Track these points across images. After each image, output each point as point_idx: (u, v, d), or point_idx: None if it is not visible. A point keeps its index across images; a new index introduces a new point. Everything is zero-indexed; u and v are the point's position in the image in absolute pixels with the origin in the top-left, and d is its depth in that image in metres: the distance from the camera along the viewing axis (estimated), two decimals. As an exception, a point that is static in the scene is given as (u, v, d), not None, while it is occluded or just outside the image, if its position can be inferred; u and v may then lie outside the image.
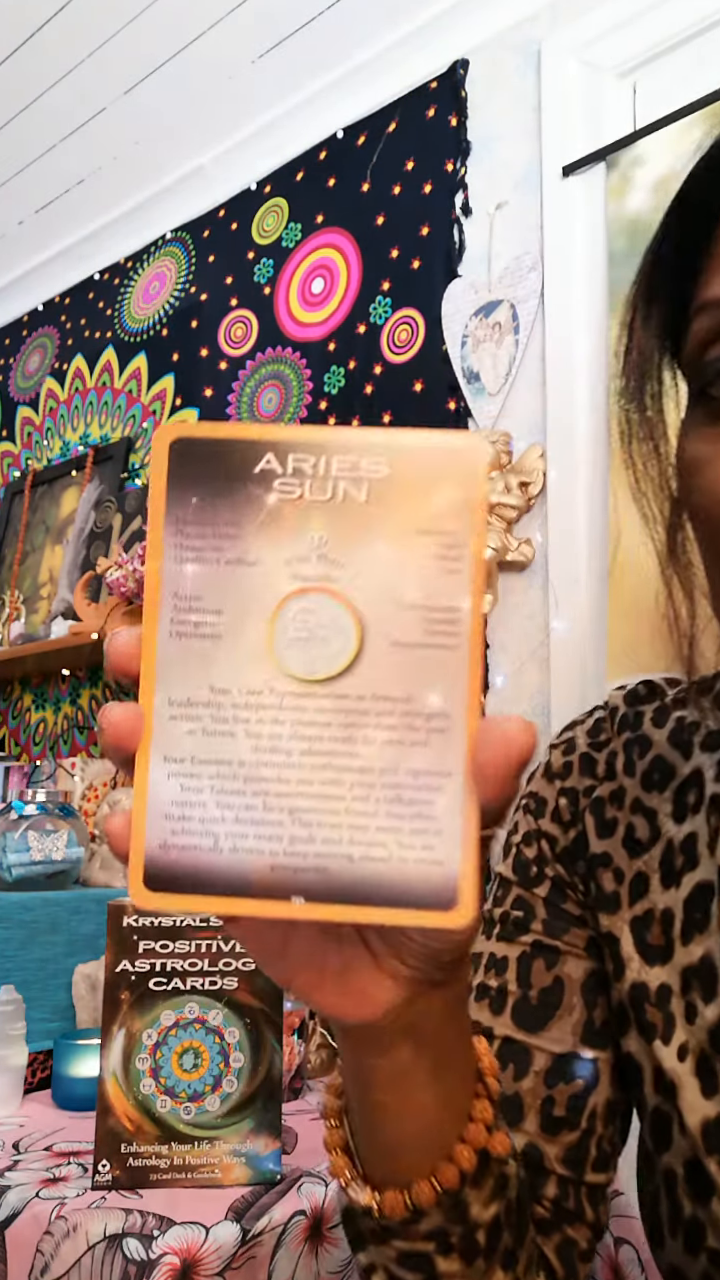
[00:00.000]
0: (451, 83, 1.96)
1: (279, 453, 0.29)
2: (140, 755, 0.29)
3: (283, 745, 0.29)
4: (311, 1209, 0.95)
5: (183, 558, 0.29)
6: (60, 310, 2.83)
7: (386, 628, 0.29)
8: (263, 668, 0.29)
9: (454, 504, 0.29)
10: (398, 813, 0.29)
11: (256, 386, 2.25)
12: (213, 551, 0.29)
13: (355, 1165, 0.42)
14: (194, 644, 0.29)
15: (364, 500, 0.29)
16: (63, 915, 1.52)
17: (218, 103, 2.22)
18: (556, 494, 1.69)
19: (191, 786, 0.29)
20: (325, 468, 0.29)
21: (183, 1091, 0.99)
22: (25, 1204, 0.93)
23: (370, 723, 0.29)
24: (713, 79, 1.59)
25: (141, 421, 2.51)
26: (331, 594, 0.29)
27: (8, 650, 2.45)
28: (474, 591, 0.29)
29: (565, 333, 1.72)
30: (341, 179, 2.16)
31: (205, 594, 0.29)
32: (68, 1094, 1.25)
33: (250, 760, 0.29)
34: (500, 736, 0.28)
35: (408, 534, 0.29)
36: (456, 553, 0.29)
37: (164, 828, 0.29)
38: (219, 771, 0.29)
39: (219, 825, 0.29)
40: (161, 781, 0.29)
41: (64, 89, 2.20)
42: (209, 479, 0.29)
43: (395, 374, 1.97)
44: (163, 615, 0.29)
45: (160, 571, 0.29)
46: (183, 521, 0.29)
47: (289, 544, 0.29)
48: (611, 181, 1.69)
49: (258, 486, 0.29)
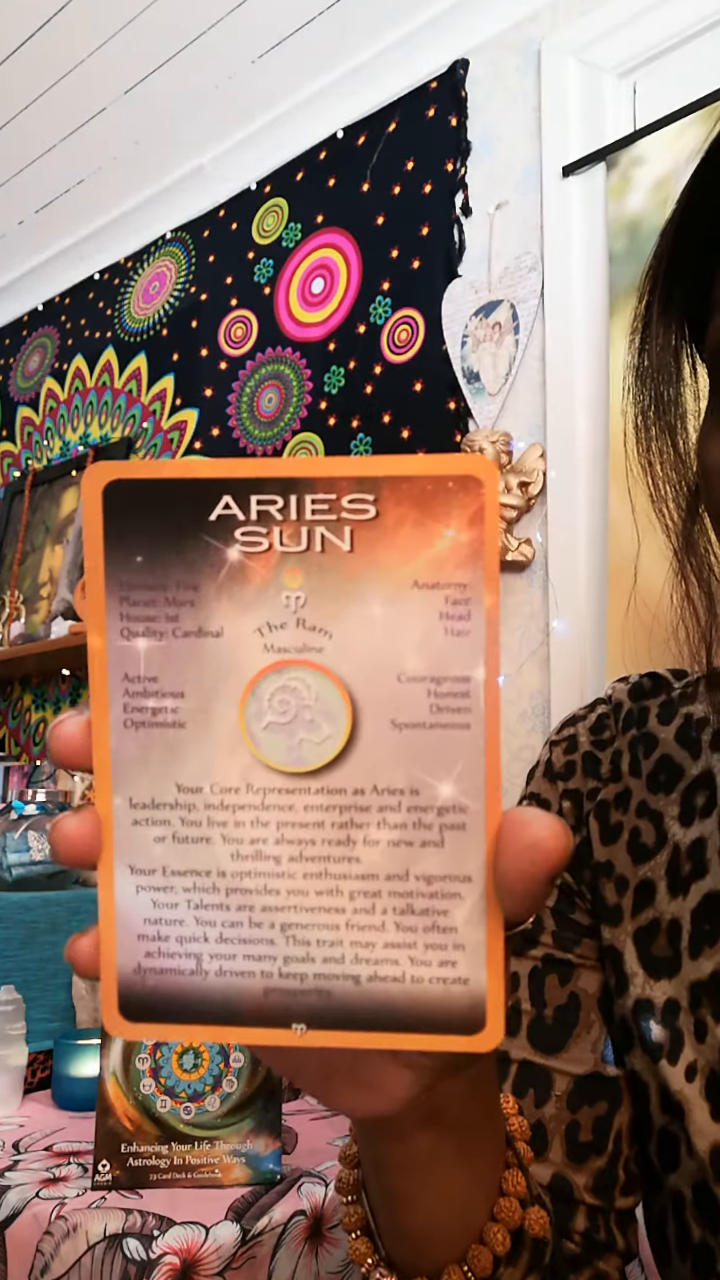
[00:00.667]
0: (451, 83, 1.96)
1: (238, 494, 0.24)
2: (103, 867, 0.25)
3: (268, 851, 0.25)
4: (311, 1209, 0.95)
5: (131, 631, 0.24)
6: (60, 310, 2.83)
7: (383, 706, 0.24)
8: (238, 760, 0.24)
9: (459, 547, 0.24)
10: (410, 925, 0.25)
11: (256, 386, 2.25)
12: (167, 621, 0.24)
13: (378, 1249, 0.39)
14: (154, 734, 0.25)
15: (348, 549, 0.24)
16: (63, 915, 1.52)
17: (218, 103, 2.22)
18: (556, 494, 1.69)
19: (165, 901, 0.25)
20: (298, 510, 0.24)
21: (183, 1091, 0.99)
22: (25, 1204, 0.93)
23: (371, 820, 0.24)
24: (713, 79, 1.59)
25: (141, 421, 2.51)
26: (315, 667, 0.24)
27: (8, 650, 2.45)
28: (488, 656, 0.24)
29: (565, 333, 1.72)
30: (341, 179, 2.16)
31: (162, 674, 0.24)
32: (68, 1094, 1.26)
33: (231, 869, 0.25)
34: (528, 843, 0.24)
35: (403, 589, 0.24)
36: (464, 609, 0.24)
37: (137, 949, 0.25)
38: (196, 883, 0.25)
39: (200, 945, 0.25)
40: (130, 896, 0.25)
41: (64, 89, 2.20)
42: (155, 531, 0.24)
43: (395, 374, 1.97)
44: (113, 701, 0.24)
45: (105, 649, 0.24)
46: (127, 586, 0.24)
47: (259, 608, 0.24)
48: (611, 181, 1.69)
49: (215, 537, 0.24)
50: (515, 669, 1.72)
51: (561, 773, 0.55)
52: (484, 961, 0.24)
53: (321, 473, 0.24)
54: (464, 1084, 0.32)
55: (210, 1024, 0.25)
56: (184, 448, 2.38)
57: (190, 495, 0.24)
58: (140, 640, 0.24)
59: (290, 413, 2.16)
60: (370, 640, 0.24)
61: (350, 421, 2.03)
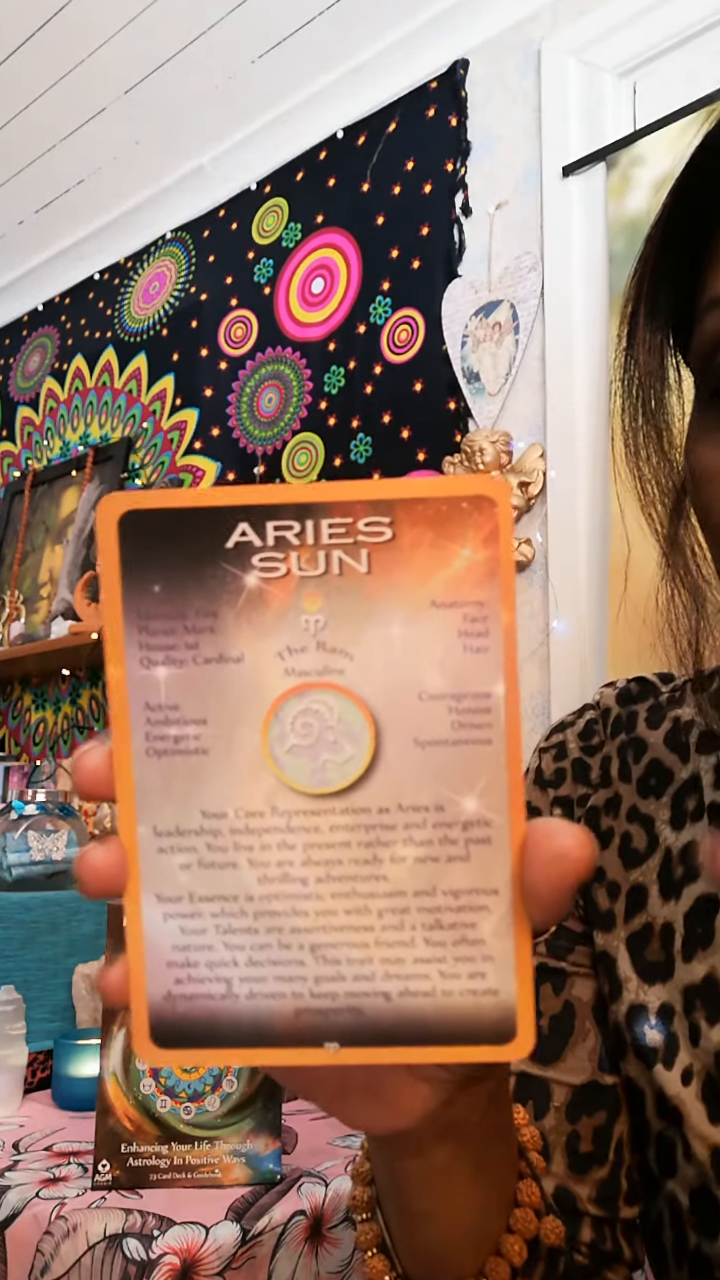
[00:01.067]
0: (451, 83, 1.96)
1: (254, 521, 0.24)
2: (129, 897, 0.25)
3: (295, 873, 0.25)
4: (311, 1209, 0.95)
5: (151, 660, 0.25)
6: (60, 310, 2.83)
7: (405, 725, 0.24)
8: (261, 784, 0.25)
9: (475, 566, 0.24)
10: (439, 940, 0.25)
11: (256, 386, 2.25)
12: (187, 649, 0.24)
13: (394, 1266, 0.39)
14: (176, 762, 0.25)
15: (366, 571, 0.24)
16: (63, 915, 1.52)
17: (218, 103, 2.22)
18: (556, 494, 1.69)
19: (193, 928, 0.25)
20: (315, 535, 0.24)
21: (183, 1091, 0.99)
22: (25, 1204, 0.93)
23: (397, 838, 0.25)
24: (713, 79, 1.59)
25: (141, 421, 2.51)
26: (336, 689, 0.24)
27: (8, 650, 2.45)
28: (507, 672, 0.24)
29: (565, 333, 1.72)
30: (341, 179, 2.16)
31: (183, 701, 0.25)
32: (68, 1094, 1.25)
33: (259, 893, 0.25)
34: (555, 854, 0.24)
35: (422, 609, 0.24)
36: (482, 626, 0.24)
37: (167, 976, 0.25)
38: (223, 909, 0.25)
39: (230, 969, 0.25)
40: (158, 924, 0.25)
41: (64, 89, 2.20)
42: (172, 560, 0.24)
43: (395, 374, 1.97)
44: (135, 731, 0.25)
45: (125, 679, 0.25)
46: (146, 616, 0.24)
47: (279, 632, 0.24)
48: (611, 181, 1.69)
49: (233, 564, 0.24)
50: (515, 669, 1.72)
51: (551, 780, 0.55)
52: (513, 971, 0.25)
53: (337, 497, 0.24)
54: (480, 1097, 0.32)
55: (242, 1047, 0.25)
56: (184, 448, 2.38)
57: (206, 523, 0.24)
58: (160, 669, 0.25)
59: (290, 413, 2.16)
60: (390, 660, 0.24)
61: (350, 421, 2.03)
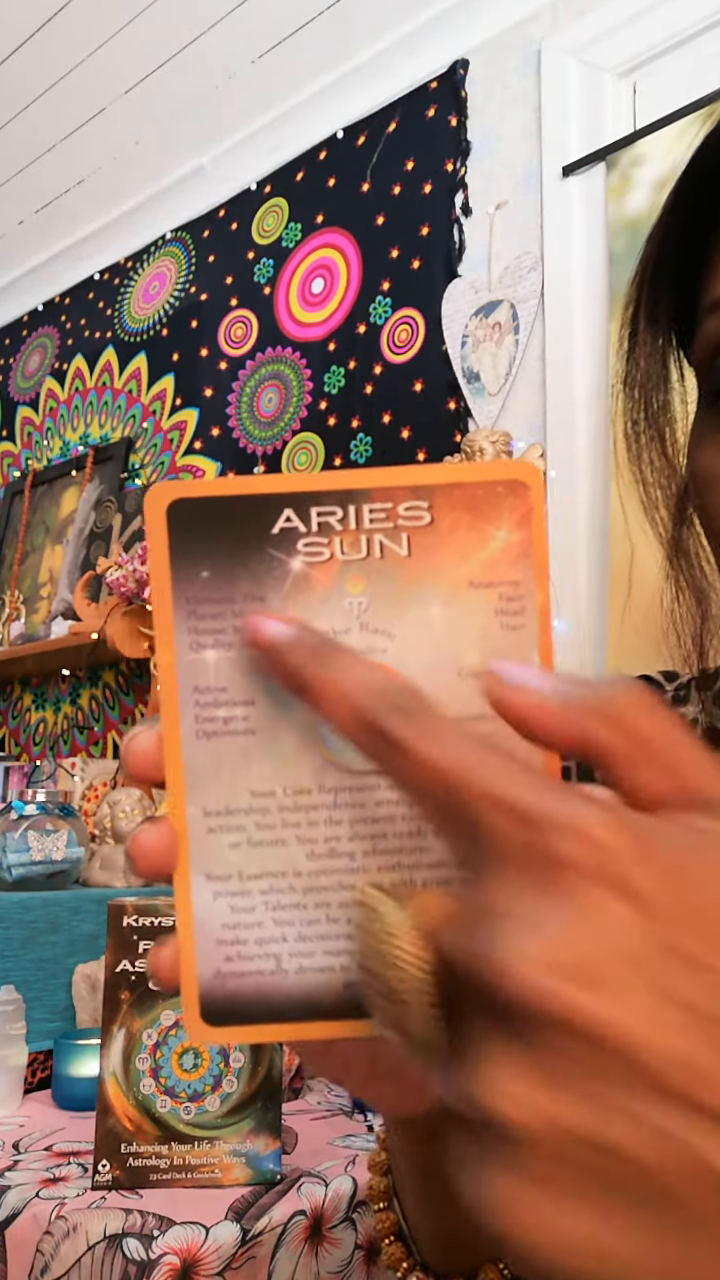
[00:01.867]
0: (451, 83, 1.96)
1: (299, 507, 0.25)
2: (179, 876, 0.26)
3: (342, 848, 0.25)
4: (311, 1209, 0.95)
5: (200, 644, 0.25)
6: (60, 310, 2.83)
7: (446, 701, 0.25)
8: (308, 762, 0.25)
9: (510, 548, 0.25)
10: None
11: (256, 386, 2.25)
12: (235, 633, 0.25)
13: (412, 1254, 0.39)
14: (225, 743, 0.25)
15: (406, 555, 0.25)
16: (63, 915, 1.52)
17: (218, 103, 2.22)
18: (556, 494, 1.69)
19: (243, 906, 0.26)
20: (356, 520, 0.25)
21: (183, 1091, 0.99)
22: (25, 1204, 0.93)
23: None
24: (713, 79, 1.59)
25: (141, 421, 2.51)
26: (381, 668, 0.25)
27: (8, 650, 2.45)
28: (543, 648, 0.26)
29: (565, 333, 1.72)
30: (341, 179, 2.16)
31: (231, 684, 0.25)
32: (68, 1094, 1.26)
33: (307, 869, 0.25)
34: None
35: (460, 589, 0.25)
36: (518, 605, 0.25)
37: (217, 954, 0.26)
38: (272, 885, 0.26)
39: (279, 945, 0.26)
40: (208, 904, 0.26)
41: (64, 89, 2.20)
42: (219, 546, 0.25)
43: (395, 374, 1.97)
44: (184, 713, 0.25)
45: (175, 663, 0.25)
46: (194, 601, 0.25)
47: (324, 614, 0.25)
48: (611, 181, 1.69)
49: (279, 549, 0.25)
50: (515, 669, 1.72)
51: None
52: None
53: (378, 483, 0.25)
54: None
55: (291, 1022, 0.26)
56: (184, 448, 2.38)
57: (252, 510, 0.25)
58: (209, 652, 0.25)
59: (290, 413, 2.16)
60: (431, 639, 0.25)
61: (350, 421, 2.03)
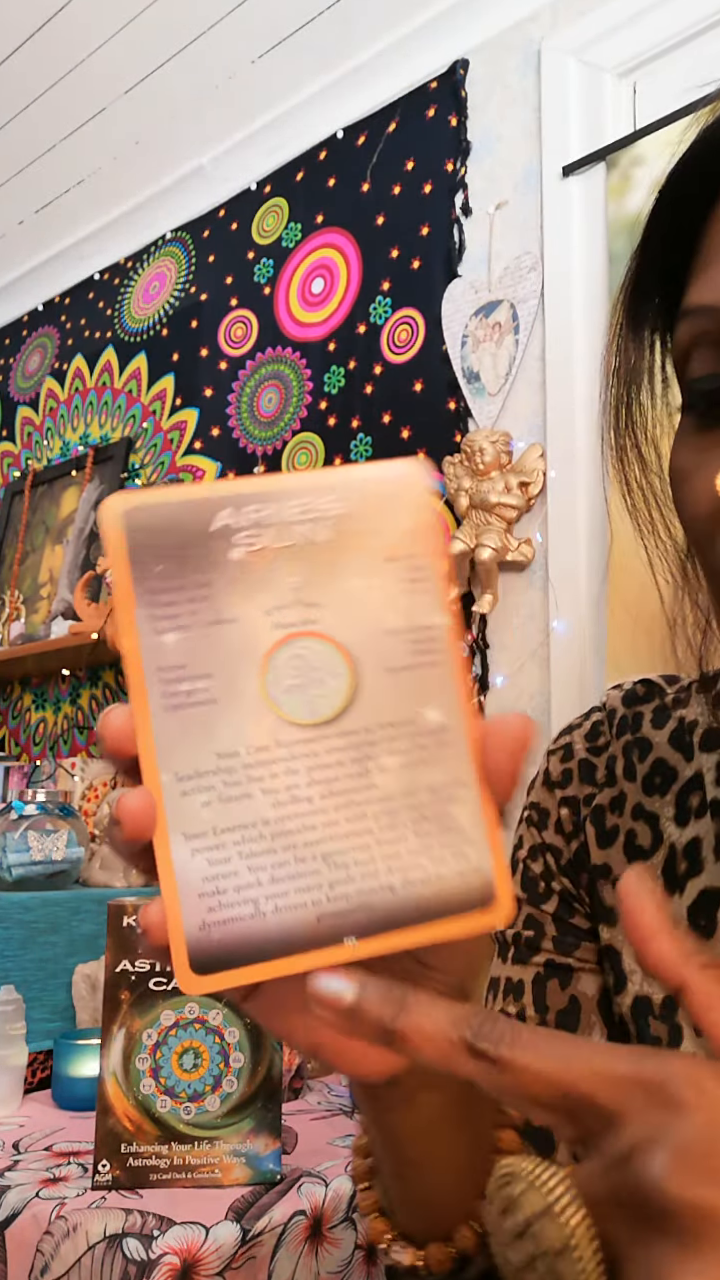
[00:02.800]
0: (451, 83, 1.96)
1: (234, 506, 0.29)
2: (158, 839, 0.28)
3: (301, 794, 0.29)
4: (311, 1209, 0.95)
5: (160, 628, 0.29)
6: (60, 310, 2.83)
7: (376, 657, 0.29)
8: (264, 721, 0.29)
9: (412, 528, 0.30)
10: (425, 831, 0.29)
11: (256, 386, 2.25)
12: (189, 616, 0.29)
13: (392, 1226, 0.42)
14: (190, 713, 0.28)
15: (328, 539, 0.30)
16: (63, 915, 1.52)
17: (218, 103, 2.22)
18: (556, 494, 1.69)
19: (219, 859, 0.28)
20: (282, 514, 0.30)
21: (183, 1091, 0.99)
22: (25, 1204, 0.93)
23: (381, 751, 0.29)
24: (713, 79, 1.59)
25: (141, 421, 2.51)
26: (317, 635, 0.29)
27: (8, 650, 2.45)
28: (445, 606, 0.30)
29: (565, 333, 1.72)
30: (341, 179, 2.16)
31: (190, 660, 0.29)
32: (68, 1094, 1.26)
33: (273, 817, 0.28)
34: (503, 736, 0.29)
35: (376, 564, 0.30)
36: (424, 573, 0.30)
37: (200, 907, 0.28)
38: (244, 836, 0.28)
39: (256, 890, 0.28)
40: (186, 861, 0.28)
41: (64, 89, 2.20)
42: (170, 544, 0.29)
43: (395, 374, 1.97)
44: (151, 691, 0.28)
45: (139, 647, 0.29)
46: (153, 591, 0.29)
47: (264, 594, 0.29)
48: (611, 181, 1.69)
49: (220, 543, 0.29)
50: (515, 669, 1.72)
51: (559, 781, 0.57)
52: (488, 848, 0.29)
53: (299, 483, 0.30)
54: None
55: (273, 959, 0.28)
56: (184, 448, 2.38)
57: (194, 511, 0.29)
58: (169, 635, 0.29)
59: (290, 413, 2.16)
60: (357, 607, 0.30)
61: (350, 421, 2.03)
